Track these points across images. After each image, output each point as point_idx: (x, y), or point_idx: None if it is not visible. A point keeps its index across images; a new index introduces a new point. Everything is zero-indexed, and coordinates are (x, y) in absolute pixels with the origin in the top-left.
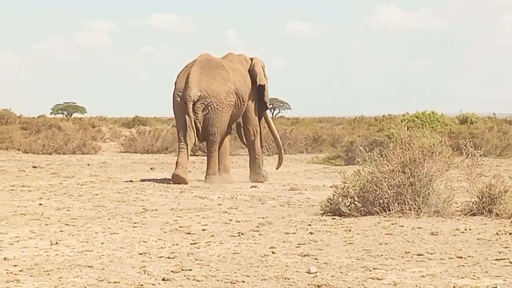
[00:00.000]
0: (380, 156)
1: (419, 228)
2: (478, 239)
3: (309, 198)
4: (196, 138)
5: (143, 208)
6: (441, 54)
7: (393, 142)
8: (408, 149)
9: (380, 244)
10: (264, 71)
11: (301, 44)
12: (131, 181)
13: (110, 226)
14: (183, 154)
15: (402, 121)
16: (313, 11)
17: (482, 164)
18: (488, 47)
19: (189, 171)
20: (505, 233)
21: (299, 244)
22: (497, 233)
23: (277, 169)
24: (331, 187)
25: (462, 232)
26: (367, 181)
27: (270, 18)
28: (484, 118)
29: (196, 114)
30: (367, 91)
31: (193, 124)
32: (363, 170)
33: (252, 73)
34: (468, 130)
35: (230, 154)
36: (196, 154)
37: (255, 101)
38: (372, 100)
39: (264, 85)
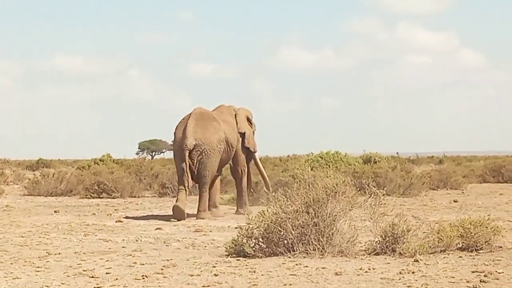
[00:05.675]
0: (284, 197)
1: (323, 268)
2: (381, 278)
3: (214, 240)
4: (191, 181)
5: (47, 252)
6: (344, 94)
7: (297, 182)
8: (312, 189)
9: (284, 285)
10: (250, 120)
11: (204, 84)
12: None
13: (12, 270)
14: (182, 192)
15: (306, 161)
16: (215, 52)
17: (385, 203)
18: (389, 87)
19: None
20: (408, 272)
21: (203, 286)
22: (400, 272)
23: None
24: (236, 228)
25: (366, 272)
26: (271, 222)
27: (171, 59)
28: (387, 158)
29: (192, 160)
30: (272, 131)
31: (189, 169)
32: (267, 210)
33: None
34: (371, 169)
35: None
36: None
37: (241, 146)
38: (277, 140)
39: (244, 132)
